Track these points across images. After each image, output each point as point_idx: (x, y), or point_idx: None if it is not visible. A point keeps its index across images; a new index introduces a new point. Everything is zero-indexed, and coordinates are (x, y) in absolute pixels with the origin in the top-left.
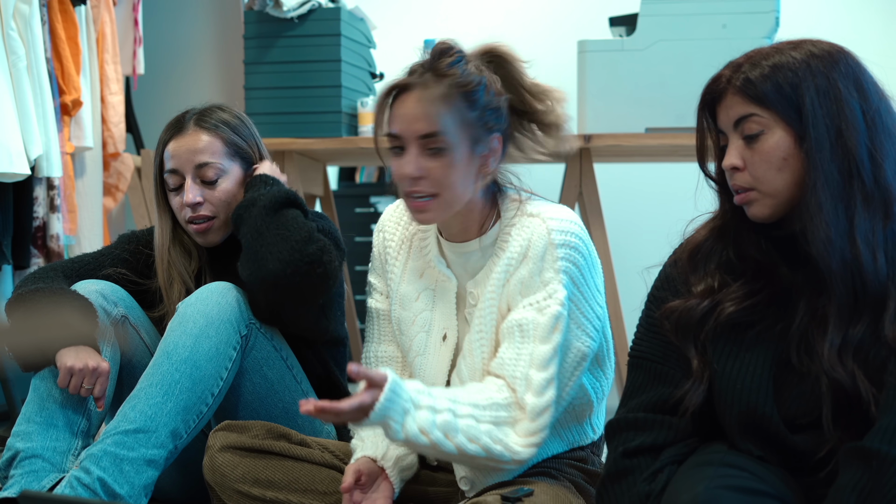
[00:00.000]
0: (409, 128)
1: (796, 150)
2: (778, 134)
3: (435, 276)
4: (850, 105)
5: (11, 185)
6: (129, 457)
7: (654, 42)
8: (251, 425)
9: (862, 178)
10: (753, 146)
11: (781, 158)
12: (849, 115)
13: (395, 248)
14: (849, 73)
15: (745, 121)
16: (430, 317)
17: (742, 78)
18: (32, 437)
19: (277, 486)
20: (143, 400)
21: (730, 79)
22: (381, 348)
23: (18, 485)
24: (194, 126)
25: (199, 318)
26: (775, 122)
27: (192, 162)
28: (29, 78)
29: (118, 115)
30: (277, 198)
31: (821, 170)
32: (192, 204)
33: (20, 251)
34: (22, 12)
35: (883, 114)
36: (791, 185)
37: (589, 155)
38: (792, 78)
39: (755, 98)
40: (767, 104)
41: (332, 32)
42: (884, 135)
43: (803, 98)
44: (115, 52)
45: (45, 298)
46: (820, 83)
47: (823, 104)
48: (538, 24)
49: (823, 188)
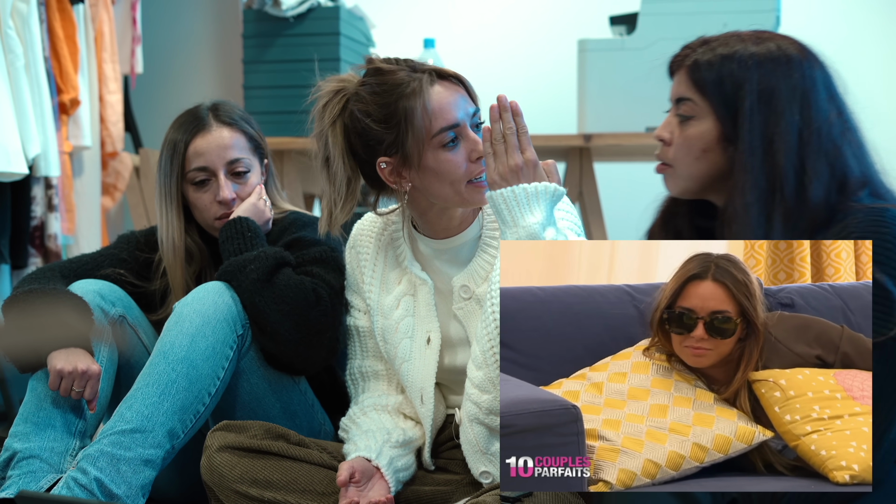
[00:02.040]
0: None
1: (718, 146)
2: (707, 124)
3: (412, 280)
4: (787, 118)
5: (9, 184)
6: (125, 457)
7: (654, 41)
8: (249, 425)
9: (784, 193)
10: (682, 128)
11: (701, 149)
12: (783, 127)
13: (370, 260)
14: (798, 82)
15: (682, 101)
16: (412, 322)
17: (693, 59)
18: (30, 438)
19: (275, 487)
20: (139, 400)
21: (686, 55)
22: (366, 363)
23: (16, 485)
24: (216, 122)
25: (196, 318)
26: (708, 112)
27: (224, 158)
28: (27, 77)
29: (116, 114)
30: (267, 266)
31: (751, 174)
32: (227, 201)
33: (18, 251)
34: (20, 11)
35: (823, 132)
36: (704, 174)
37: (589, 154)
38: (738, 75)
39: (696, 83)
40: (705, 94)
41: (332, 31)
42: (817, 152)
43: (742, 101)
44: (113, 50)
45: (39, 299)
46: (764, 89)
47: (761, 111)
48: (538, 23)
49: (752, 191)
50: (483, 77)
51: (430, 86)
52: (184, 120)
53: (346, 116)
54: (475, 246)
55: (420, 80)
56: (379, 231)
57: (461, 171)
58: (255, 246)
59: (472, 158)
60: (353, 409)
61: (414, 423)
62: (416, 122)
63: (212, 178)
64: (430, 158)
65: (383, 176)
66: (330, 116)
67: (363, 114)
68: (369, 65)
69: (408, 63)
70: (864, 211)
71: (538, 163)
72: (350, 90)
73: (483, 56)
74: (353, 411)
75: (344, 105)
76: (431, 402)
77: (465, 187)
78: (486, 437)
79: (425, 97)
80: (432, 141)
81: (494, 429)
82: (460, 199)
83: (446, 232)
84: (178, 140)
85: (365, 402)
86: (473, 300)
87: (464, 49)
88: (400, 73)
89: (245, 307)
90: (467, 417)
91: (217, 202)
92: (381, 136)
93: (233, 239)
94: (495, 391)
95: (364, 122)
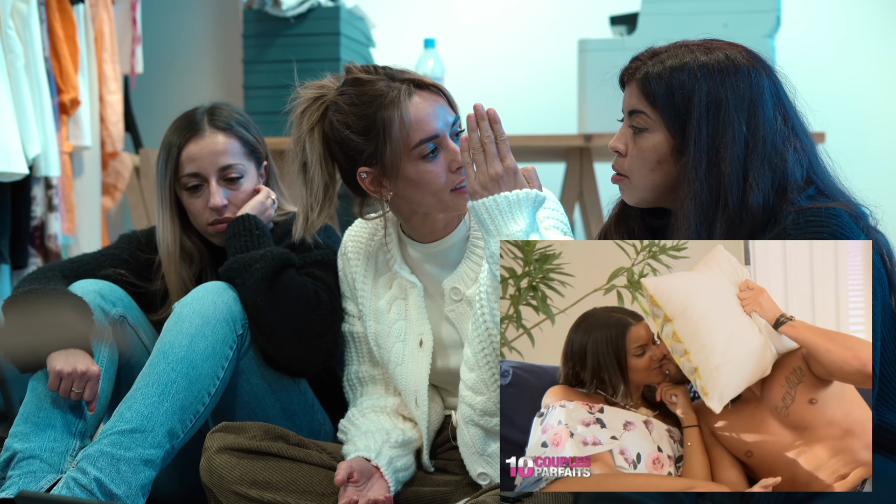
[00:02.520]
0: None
1: (671, 157)
2: (659, 136)
3: (402, 284)
4: (734, 128)
5: (9, 184)
6: (125, 457)
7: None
8: (248, 426)
9: (727, 201)
10: (636, 139)
11: (655, 160)
12: (729, 137)
13: (361, 266)
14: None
15: (635, 114)
16: (404, 326)
17: (644, 72)
18: (30, 438)
19: (275, 488)
20: (139, 400)
21: (637, 68)
22: (362, 369)
23: (16, 486)
24: (210, 127)
25: (195, 318)
26: (660, 125)
27: (216, 164)
28: (27, 77)
29: (116, 114)
30: (272, 266)
31: (693, 185)
32: (218, 207)
33: (18, 251)
34: (20, 11)
35: (769, 140)
36: (660, 185)
37: (589, 154)
38: (687, 87)
39: (647, 97)
40: (656, 106)
41: (332, 31)
42: (761, 160)
43: (691, 113)
44: (113, 50)
45: (39, 300)
46: (712, 99)
47: (710, 122)
48: (538, 22)
49: (692, 203)
50: (483, 77)
51: (409, 97)
52: (179, 124)
53: (326, 125)
54: (463, 248)
55: (399, 91)
56: (369, 237)
57: (441, 182)
58: (261, 244)
59: (452, 168)
60: (351, 412)
61: (413, 425)
62: (395, 135)
63: (204, 185)
64: (410, 169)
65: (364, 186)
66: (308, 123)
67: (342, 125)
68: (348, 74)
69: (386, 72)
70: (802, 212)
71: (518, 170)
72: (329, 98)
73: (483, 56)
74: (352, 413)
75: (323, 113)
76: (426, 405)
77: (448, 195)
78: (482, 438)
79: (403, 108)
80: (412, 153)
81: (490, 430)
82: (443, 206)
83: (432, 235)
84: (173, 144)
85: (363, 405)
86: (464, 302)
87: (464, 49)
88: (378, 84)
89: (245, 305)
90: (462, 419)
91: (209, 208)
92: (360, 147)
93: (239, 236)
94: (489, 392)
95: (343, 133)
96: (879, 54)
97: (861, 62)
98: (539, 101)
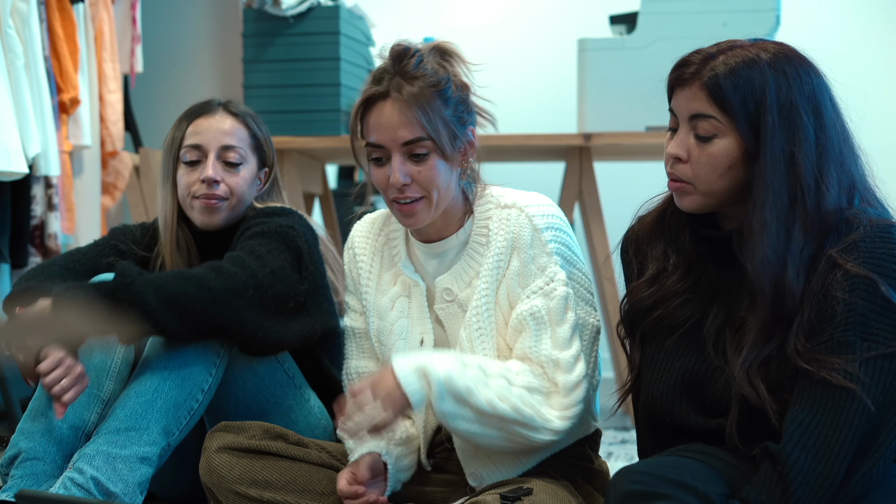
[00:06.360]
0: (392, 136)
1: (741, 161)
2: (730, 141)
3: (406, 282)
4: (806, 131)
5: (9, 183)
6: (121, 455)
7: (654, 40)
8: (248, 426)
9: (805, 204)
10: (703, 145)
11: (727, 166)
12: (804, 142)
13: (367, 261)
14: (811, 94)
15: (701, 118)
16: (406, 324)
17: (710, 74)
18: (35, 438)
19: (275, 487)
20: (132, 398)
21: (699, 70)
22: (362, 364)
23: (17, 487)
24: (223, 110)
25: None
26: (731, 129)
27: (219, 141)
28: (27, 76)
29: (116, 113)
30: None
31: (771, 190)
32: (211, 180)
33: (18, 250)
34: (20, 10)
35: (834, 141)
36: (728, 190)
37: (589, 154)
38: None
39: (718, 101)
40: (729, 112)
41: (331, 30)
42: (831, 162)
43: (764, 117)
44: (113, 50)
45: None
46: (783, 103)
47: (782, 127)
48: (538, 22)
49: (771, 209)
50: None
51: (383, 99)
52: (194, 106)
53: None
54: (462, 250)
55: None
56: (376, 232)
57: (382, 188)
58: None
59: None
60: None
61: (412, 422)
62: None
63: (203, 160)
64: (364, 163)
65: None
66: None
67: None
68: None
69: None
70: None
71: None
72: None
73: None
74: None
75: None
76: None
77: (392, 204)
78: None
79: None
80: (364, 148)
81: None
82: (392, 211)
83: (434, 235)
84: (183, 119)
85: None
86: (456, 303)
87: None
88: (376, 73)
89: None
90: None
91: (200, 181)
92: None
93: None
94: None
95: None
96: (880, 54)
97: (861, 62)
98: (539, 100)
